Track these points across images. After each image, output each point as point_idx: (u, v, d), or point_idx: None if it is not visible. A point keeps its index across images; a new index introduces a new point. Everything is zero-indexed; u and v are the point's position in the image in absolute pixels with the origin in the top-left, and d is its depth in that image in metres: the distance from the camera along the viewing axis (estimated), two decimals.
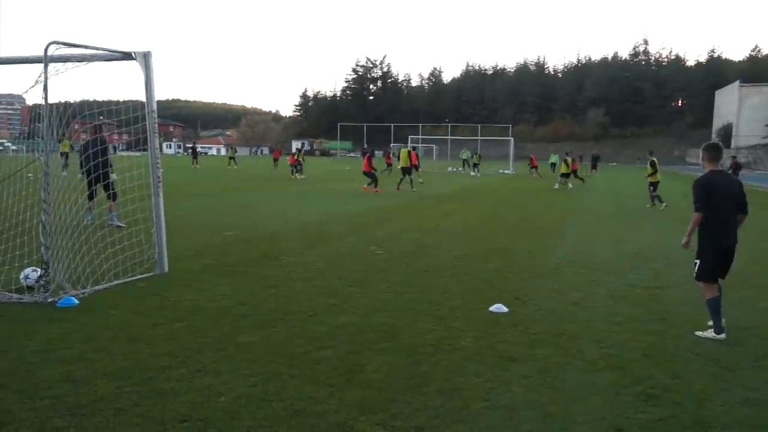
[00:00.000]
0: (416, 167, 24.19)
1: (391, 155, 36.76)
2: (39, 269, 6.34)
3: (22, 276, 6.45)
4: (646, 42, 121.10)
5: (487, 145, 75.68)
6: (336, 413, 3.74)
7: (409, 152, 23.55)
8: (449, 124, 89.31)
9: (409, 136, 54.42)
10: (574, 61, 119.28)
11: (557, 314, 6.08)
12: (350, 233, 11.53)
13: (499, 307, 6.14)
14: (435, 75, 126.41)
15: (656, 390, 4.22)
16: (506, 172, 44.80)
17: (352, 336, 5.23)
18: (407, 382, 4.25)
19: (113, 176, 10.08)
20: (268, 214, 14.48)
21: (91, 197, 10.79)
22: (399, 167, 23.85)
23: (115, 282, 6.82)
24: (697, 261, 5.46)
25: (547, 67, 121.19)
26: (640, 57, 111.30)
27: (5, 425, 3.49)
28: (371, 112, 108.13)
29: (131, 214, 7.63)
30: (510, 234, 11.88)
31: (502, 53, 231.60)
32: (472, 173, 40.08)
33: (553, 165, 42.68)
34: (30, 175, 8.22)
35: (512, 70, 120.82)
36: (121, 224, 9.77)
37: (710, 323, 5.41)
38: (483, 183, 31.46)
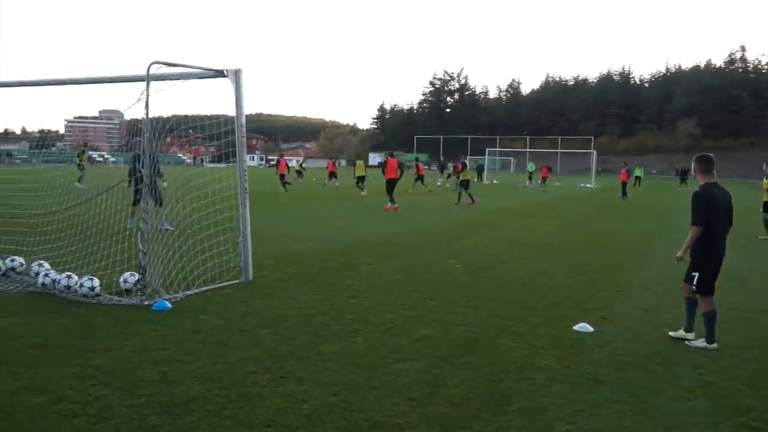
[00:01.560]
0: (421, 178, 25.66)
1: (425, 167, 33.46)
2: (137, 274, 6.75)
3: (121, 279, 6.88)
4: (743, 48, 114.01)
5: (568, 158, 73.62)
6: (417, 427, 3.73)
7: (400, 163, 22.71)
8: (527, 137, 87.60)
9: (486, 149, 53.91)
10: (662, 70, 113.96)
11: (648, 336, 5.79)
12: (426, 246, 11.51)
13: (583, 326, 5.92)
14: (513, 87, 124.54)
15: (761, 423, 3.92)
16: (587, 186, 43.32)
17: (432, 349, 5.20)
18: (489, 400, 4.17)
19: (164, 184, 10.70)
20: (344, 225, 14.73)
21: (135, 203, 11.44)
22: (460, 180, 22.70)
23: (204, 288, 7.14)
24: (696, 274, 5.41)
25: (633, 77, 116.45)
26: (736, 64, 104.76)
27: (107, 420, 3.72)
28: (448, 125, 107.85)
29: (219, 224, 7.97)
30: (593, 249, 11.46)
31: (584, 63, 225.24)
32: (538, 187, 38.76)
33: (638, 178, 40.90)
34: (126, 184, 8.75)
35: (594, 81, 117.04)
36: (170, 228, 10.26)
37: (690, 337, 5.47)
38: (563, 197, 30.57)
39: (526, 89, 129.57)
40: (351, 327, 5.84)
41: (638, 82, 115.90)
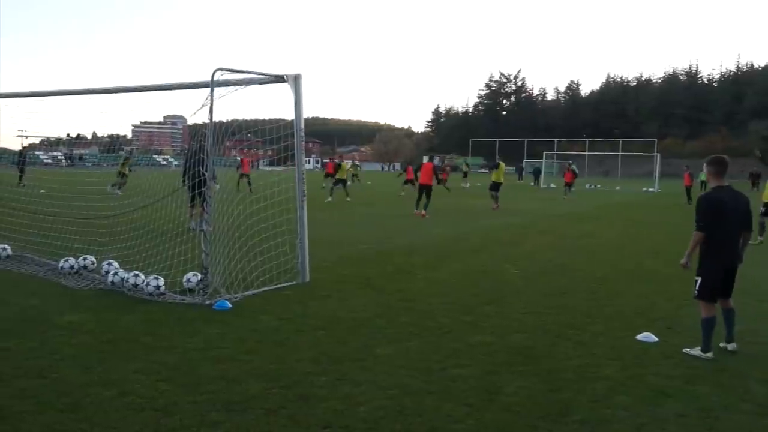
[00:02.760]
0: (411, 182, 24.16)
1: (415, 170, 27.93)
2: (199, 274, 6.97)
3: (185, 279, 7.12)
4: None
5: (630, 161, 71.24)
6: None
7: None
8: (587, 140, 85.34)
9: (544, 152, 52.86)
10: (733, 69, 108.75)
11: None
12: (483, 250, 11.38)
13: (647, 336, 5.70)
14: (572, 88, 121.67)
15: None
16: (650, 190, 41.80)
17: (488, 355, 5.13)
18: (548, 409, 4.08)
19: (216, 186, 11.04)
20: (399, 227, 14.74)
21: (192, 205, 11.85)
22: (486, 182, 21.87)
23: (263, 289, 7.30)
24: (698, 279, 5.19)
25: (701, 76, 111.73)
26: None
27: (172, 414, 3.85)
28: (504, 128, 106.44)
29: (278, 226, 8.13)
30: (657, 256, 11.03)
31: (648, 62, 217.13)
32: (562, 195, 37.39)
33: (704, 182, 39.04)
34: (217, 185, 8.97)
35: (659, 81, 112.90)
36: (201, 228, 10.55)
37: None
38: (624, 201, 29.61)
39: (585, 90, 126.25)
40: (406, 330, 5.84)
41: (706, 82, 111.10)
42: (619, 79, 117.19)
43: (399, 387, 4.38)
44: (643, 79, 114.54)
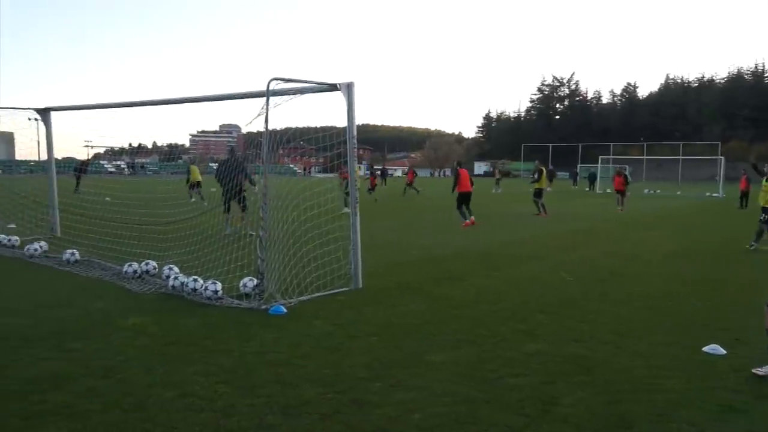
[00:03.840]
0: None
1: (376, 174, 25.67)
2: (255, 279, 7.12)
3: (241, 284, 7.30)
4: None
5: (690, 165, 68.54)
6: None
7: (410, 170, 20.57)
8: (644, 143, 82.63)
9: (599, 157, 51.52)
10: None
11: None
12: (536, 256, 11.17)
13: (714, 348, 5.45)
14: (629, 91, 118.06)
15: None
16: (714, 195, 40.06)
17: (544, 365, 5.03)
18: (607, 421, 3.96)
19: (254, 189, 11.37)
20: (451, 233, 14.65)
21: (227, 210, 12.18)
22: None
23: (317, 294, 7.39)
24: None
25: (767, 76, 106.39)
26: None
27: (230, 416, 3.95)
28: (557, 132, 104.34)
29: (330, 233, 8.24)
30: (722, 264, 10.55)
31: (710, 62, 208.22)
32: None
33: None
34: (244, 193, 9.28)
35: (722, 81, 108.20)
36: (252, 232, 10.75)
37: None
38: (686, 207, 28.48)
39: (643, 92, 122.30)
40: (459, 338, 5.79)
41: None
42: (679, 80, 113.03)
43: (453, 395, 4.34)
44: (705, 79, 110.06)
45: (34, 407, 4.03)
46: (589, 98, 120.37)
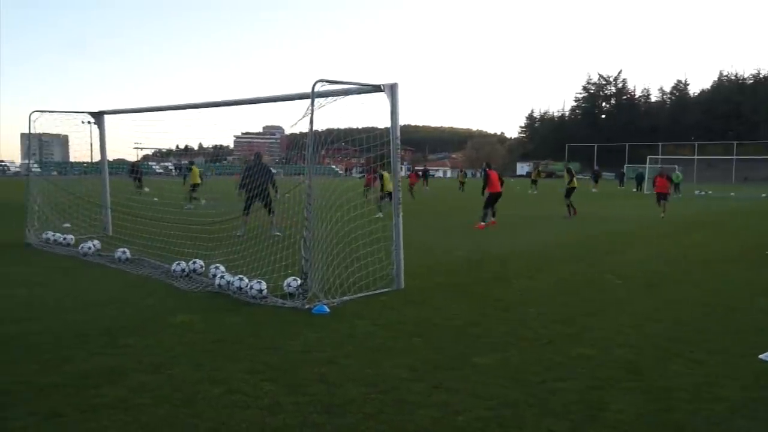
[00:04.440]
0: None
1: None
2: (299, 279, 7.21)
3: (285, 284, 7.39)
4: None
5: (745, 165, 65.91)
6: None
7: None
8: (695, 143, 79.89)
9: (648, 157, 50.11)
10: None
11: None
12: (583, 258, 10.93)
13: None
14: (679, 88, 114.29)
15: None
16: None
17: (591, 369, 4.91)
18: (660, 429, 3.84)
19: (277, 195, 11.53)
20: (494, 234, 14.49)
21: (246, 212, 12.40)
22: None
23: (360, 294, 7.42)
24: None
25: None
26: None
27: (275, 414, 4.00)
28: (603, 131, 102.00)
29: (373, 233, 8.26)
30: None
31: (765, 58, 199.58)
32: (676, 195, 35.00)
33: None
34: (288, 194, 9.47)
35: None
36: (278, 233, 11.05)
37: None
38: (740, 208, 27.39)
39: (694, 89, 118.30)
40: (503, 340, 5.72)
41: None
42: (733, 77, 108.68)
43: (497, 398, 4.29)
44: (761, 75, 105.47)
45: (89, 401, 4.18)
46: (636, 96, 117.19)
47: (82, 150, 13.79)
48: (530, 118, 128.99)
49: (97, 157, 13.56)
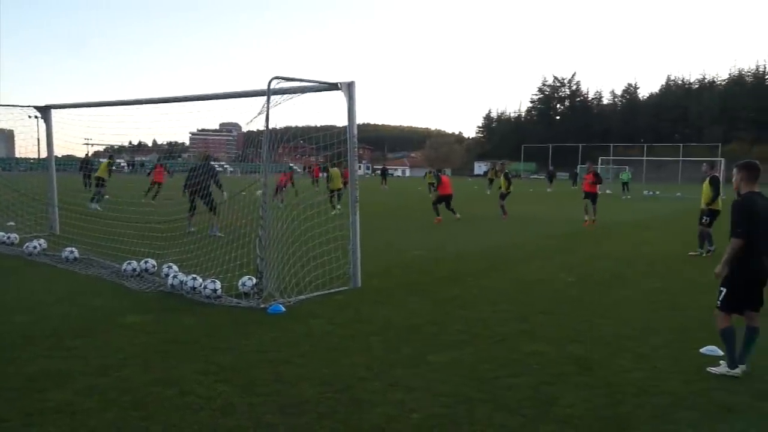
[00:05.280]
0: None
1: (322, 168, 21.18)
2: (254, 278, 7.12)
3: (240, 283, 7.29)
4: None
5: (691, 166, 68.52)
6: None
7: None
8: (644, 144, 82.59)
9: (600, 158, 51.55)
10: None
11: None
12: (536, 258, 11.17)
13: (712, 350, 5.45)
14: (629, 92, 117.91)
15: None
16: None
17: (544, 366, 5.03)
18: (607, 423, 3.96)
19: (224, 195, 11.55)
20: (451, 235, 14.65)
21: (191, 210, 12.45)
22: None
23: (316, 293, 7.39)
24: (723, 289, 4.97)
25: None
26: None
27: (229, 415, 3.95)
28: (558, 133, 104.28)
29: (330, 232, 8.23)
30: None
31: (711, 63, 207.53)
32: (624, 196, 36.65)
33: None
34: (243, 193, 9.35)
35: (723, 82, 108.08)
36: (220, 234, 11.14)
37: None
38: (686, 208, 28.46)
39: (644, 93, 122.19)
40: (459, 338, 5.79)
41: None
42: (680, 81, 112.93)
43: (452, 395, 4.34)
44: (706, 80, 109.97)
45: (35, 405, 4.03)
46: (590, 99, 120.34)
47: (28, 145, 13.28)
48: (488, 118, 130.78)
49: (44, 153, 13.07)
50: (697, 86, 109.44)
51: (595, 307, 7.18)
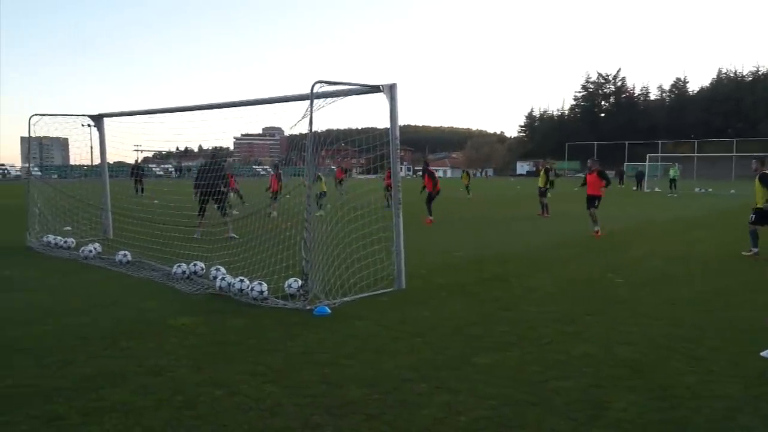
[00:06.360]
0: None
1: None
2: (300, 280, 7.21)
3: (286, 285, 7.39)
4: None
5: (745, 162, 65.89)
6: None
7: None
8: (695, 140, 79.80)
9: (647, 155, 50.12)
10: None
11: None
12: (583, 258, 10.93)
13: None
14: (678, 86, 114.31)
15: None
16: None
17: (593, 368, 4.91)
18: (662, 427, 3.83)
19: (231, 195, 11.50)
20: (494, 235, 14.49)
21: (201, 216, 12.50)
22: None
23: (360, 295, 7.42)
24: None
25: None
26: None
27: (277, 415, 4.00)
28: (602, 130, 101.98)
29: (374, 234, 8.26)
30: None
31: (764, 55, 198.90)
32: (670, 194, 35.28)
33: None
34: (288, 195, 9.50)
35: None
36: (234, 236, 11.21)
37: None
38: (741, 205, 27.36)
39: (693, 87, 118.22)
40: (504, 340, 5.71)
41: None
42: (732, 74, 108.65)
43: (499, 397, 4.29)
44: (759, 72, 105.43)
45: (91, 404, 4.18)
46: (636, 95, 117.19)
47: (82, 153, 13.81)
48: (530, 117, 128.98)
49: (97, 160, 13.57)
50: (750, 78, 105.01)
51: (645, 308, 6.98)
